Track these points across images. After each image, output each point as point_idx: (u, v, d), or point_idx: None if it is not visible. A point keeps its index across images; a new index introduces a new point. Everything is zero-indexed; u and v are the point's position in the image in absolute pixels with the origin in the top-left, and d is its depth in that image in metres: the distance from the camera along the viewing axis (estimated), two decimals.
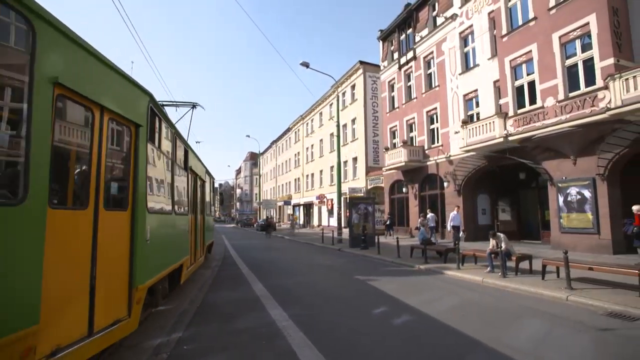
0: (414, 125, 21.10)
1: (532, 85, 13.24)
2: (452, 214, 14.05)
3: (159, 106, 5.07)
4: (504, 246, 8.26)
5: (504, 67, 14.22)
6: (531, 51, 13.12)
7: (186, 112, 9.81)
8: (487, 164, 15.72)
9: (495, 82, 15.26)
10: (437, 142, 19.00)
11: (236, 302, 6.60)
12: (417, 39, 20.68)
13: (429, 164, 19.27)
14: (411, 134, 21.38)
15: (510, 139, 13.43)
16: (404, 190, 21.07)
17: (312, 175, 38.46)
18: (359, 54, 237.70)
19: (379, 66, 25.70)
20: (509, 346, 4.12)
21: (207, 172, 11.45)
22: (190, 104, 9.64)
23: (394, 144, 22.76)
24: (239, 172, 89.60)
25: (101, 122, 3.48)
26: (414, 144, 20.58)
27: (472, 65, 16.95)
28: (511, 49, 13.95)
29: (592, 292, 6.26)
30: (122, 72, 3.86)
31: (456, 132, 17.07)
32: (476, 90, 16.48)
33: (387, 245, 14.71)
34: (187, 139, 8.06)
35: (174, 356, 4.03)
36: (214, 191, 14.45)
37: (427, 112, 19.83)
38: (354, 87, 29.46)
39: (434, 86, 19.41)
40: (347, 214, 17.59)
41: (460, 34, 17.51)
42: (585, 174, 11.63)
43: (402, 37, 22.58)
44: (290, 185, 47.41)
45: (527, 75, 13.48)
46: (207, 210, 11.39)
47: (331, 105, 33.10)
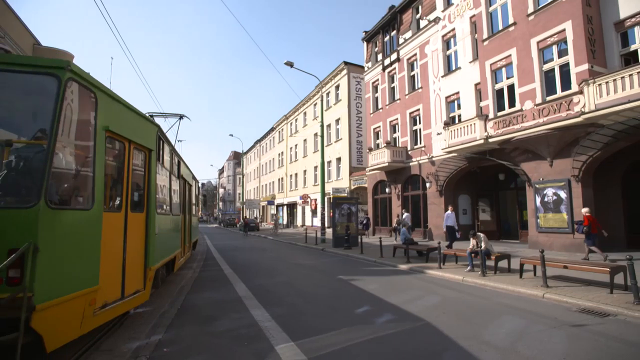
0: (397, 126, 21.32)
1: (511, 88, 13.57)
2: (446, 214, 13.46)
3: (163, 132, 6.56)
4: (483, 246, 8.44)
5: (485, 71, 14.54)
6: (511, 55, 13.46)
7: (174, 123, 10.68)
8: (468, 165, 16.04)
9: (476, 85, 15.58)
10: (420, 143, 19.25)
11: (218, 303, 6.51)
12: (401, 41, 20.91)
13: (411, 164, 19.50)
14: (394, 135, 21.60)
15: (490, 140, 13.73)
16: (387, 190, 21.27)
17: (296, 175, 38.37)
18: (344, 55, 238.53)
19: (363, 67, 25.86)
20: (488, 342, 4.21)
21: (193, 177, 12.69)
22: (177, 115, 10.61)
23: (378, 145, 22.94)
24: (222, 171, 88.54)
25: (129, 151, 4.89)
26: (397, 145, 20.79)
27: (454, 68, 17.26)
28: (491, 53, 14.27)
29: (566, 290, 6.47)
30: (141, 113, 5.38)
31: (438, 134, 17.35)
32: (458, 92, 16.79)
33: (370, 245, 14.82)
34: (175, 144, 9.02)
35: (153, 359, 3.94)
36: (198, 193, 15.90)
37: (410, 113, 20.07)
38: (338, 87, 29.56)
39: (417, 88, 19.66)
40: (331, 214, 17.63)
41: (442, 37, 17.80)
42: (560, 175, 12.01)
43: (386, 38, 22.78)
44: (274, 185, 47.16)
45: (507, 78, 13.81)
46: (193, 211, 12.75)
47: (315, 105, 33.12)
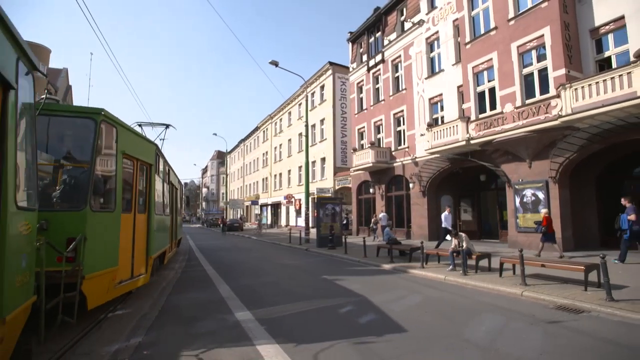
0: (381, 126, 21.49)
1: (492, 91, 13.87)
2: (443, 215, 12.90)
3: (160, 149, 8.19)
4: (465, 245, 8.59)
5: (467, 73, 14.81)
6: (492, 59, 13.75)
7: (161, 131, 11.56)
8: (450, 166, 16.30)
9: (459, 87, 15.86)
10: (404, 144, 19.46)
11: (200, 303, 6.41)
12: (386, 42, 21.09)
13: (395, 165, 19.70)
14: (379, 136, 21.76)
15: (472, 142, 13.99)
16: (371, 190, 21.42)
17: (280, 175, 38.20)
18: (328, 55, 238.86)
19: (348, 68, 25.95)
20: (468, 340, 4.29)
21: (179, 181, 14.30)
22: (164, 124, 11.82)
23: (362, 145, 23.06)
24: (205, 170, 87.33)
25: (137, 166, 6.43)
26: (381, 146, 20.96)
27: (437, 70, 17.52)
28: (474, 56, 14.55)
29: (544, 288, 6.65)
30: (146, 137, 7.42)
31: (422, 135, 17.57)
32: (441, 94, 17.05)
33: (354, 245, 14.87)
34: (161, 149, 9.90)
35: None
36: (182, 195, 17.58)
37: (394, 114, 20.26)
38: (323, 87, 29.59)
39: (401, 89, 19.87)
40: (315, 214, 17.63)
41: (426, 39, 18.05)
42: (539, 176, 12.35)
43: (371, 39, 22.94)
44: (258, 184, 46.83)
45: (488, 81, 14.11)
46: (179, 212, 14.61)
47: (300, 105, 33.05)
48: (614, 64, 10.69)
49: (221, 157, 70.00)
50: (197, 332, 4.83)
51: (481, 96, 14.46)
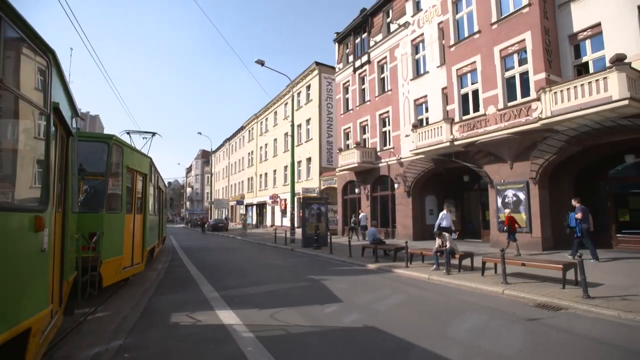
0: (367, 127, 21.61)
1: (475, 93, 14.12)
2: (442, 214, 12.25)
3: (153, 161, 9.76)
4: (448, 245, 8.72)
5: (451, 76, 15.04)
6: (475, 62, 14.01)
7: (147, 140, 12.68)
8: (434, 167, 16.52)
9: (443, 89, 16.09)
10: (389, 145, 19.61)
11: (183, 305, 6.30)
12: (372, 43, 21.23)
13: (380, 165, 19.84)
14: (364, 136, 21.87)
15: (455, 143, 14.21)
16: (357, 191, 21.51)
17: (266, 174, 37.99)
18: (315, 55, 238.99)
19: (334, 68, 26.00)
20: (451, 338, 4.36)
21: (164, 184, 15.82)
22: (150, 132, 12.89)
23: (348, 146, 23.13)
24: (189, 170, 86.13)
25: (135, 176, 7.94)
26: (367, 146, 21.07)
27: (422, 72, 17.73)
28: (457, 58, 14.79)
29: (524, 286, 6.81)
30: (143, 153, 8.96)
31: (407, 136, 17.76)
32: (426, 96, 17.26)
33: (339, 245, 14.91)
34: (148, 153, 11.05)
35: None
36: (167, 196, 19.38)
37: (379, 115, 20.41)
38: (309, 87, 29.55)
39: (386, 90, 20.03)
40: (301, 214, 17.59)
41: (412, 41, 18.25)
42: (520, 177, 12.65)
43: (358, 40, 23.03)
44: (243, 184, 46.45)
45: (472, 84, 14.36)
46: (164, 212, 16.32)
47: (286, 104, 32.92)
48: (591, 69, 11.04)
49: (206, 157, 69.20)
50: (180, 334, 4.75)
51: (465, 98, 14.71)
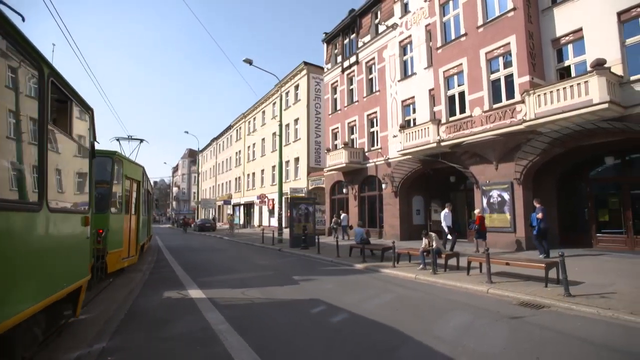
0: (355, 127, 21.69)
1: (462, 95, 14.31)
2: (443, 213, 12.33)
3: (144, 169, 11.68)
4: (435, 245, 8.81)
5: (438, 77, 15.21)
6: (462, 64, 14.20)
7: (136, 146, 14.54)
8: (422, 167, 16.69)
9: (430, 90, 16.25)
10: (377, 145, 19.71)
11: (169, 306, 6.21)
12: (360, 44, 21.31)
13: (368, 165, 19.93)
14: (352, 136, 21.94)
15: (442, 144, 14.39)
16: (345, 191, 21.57)
17: (254, 174, 37.75)
18: (303, 55, 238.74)
19: (323, 68, 26.02)
20: (437, 337, 4.40)
21: (151, 186, 17.85)
22: (138, 139, 14.18)
23: (336, 146, 23.17)
24: (176, 169, 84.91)
25: (131, 183, 9.91)
26: (355, 146, 21.14)
27: (410, 73, 17.88)
28: (444, 60, 14.97)
29: (508, 285, 6.94)
30: (137, 163, 10.80)
31: (394, 136, 17.89)
32: (413, 97, 17.41)
33: (327, 245, 14.93)
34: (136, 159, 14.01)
35: None
36: (153, 197, 21.65)
37: (367, 115, 20.50)
38: (297, 87, 29.49)
39: (374, 91, 20.13)
40: (288, 214, 17.55)
41: (400, 42, 18.39)
42: (505, 178, 12.88)
43: (346, 41, 23.10)
44: (230, 184, 46.05)
45: (458, 86, 14.55)
46: (152, 212, 18.47)
47: (274, 104, 32.78)
48: (573, 73, 11.31)
49: (193, 156, 68.30)
50: (166, 336, 4.68)
51: (451, 100, 14.89)
